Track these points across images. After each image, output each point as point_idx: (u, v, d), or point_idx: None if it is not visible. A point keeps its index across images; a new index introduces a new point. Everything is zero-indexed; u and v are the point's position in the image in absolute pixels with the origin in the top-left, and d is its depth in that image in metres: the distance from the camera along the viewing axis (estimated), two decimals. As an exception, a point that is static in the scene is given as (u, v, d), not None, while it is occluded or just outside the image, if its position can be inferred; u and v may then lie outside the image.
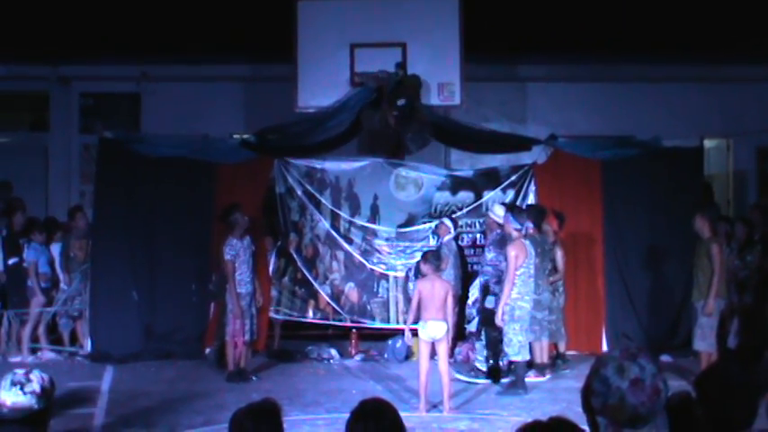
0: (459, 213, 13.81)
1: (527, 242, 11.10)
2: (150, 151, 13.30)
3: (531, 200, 13.60)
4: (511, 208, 11.87)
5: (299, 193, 13.94)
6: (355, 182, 14.08)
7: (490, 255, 12.05)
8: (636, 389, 2.99)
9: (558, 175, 13.76)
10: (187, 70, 16.46)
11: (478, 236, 13.73)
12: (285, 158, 13.88)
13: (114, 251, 13.26)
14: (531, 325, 11.33)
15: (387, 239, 13.87)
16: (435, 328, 9.92)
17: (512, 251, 10.83)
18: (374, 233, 13.95)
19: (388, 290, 13.78)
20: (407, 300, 12.69)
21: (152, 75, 16.67)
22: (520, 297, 10.87)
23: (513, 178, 13.87)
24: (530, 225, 11.61)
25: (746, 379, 4.05)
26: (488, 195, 13.90)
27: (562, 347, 12.44)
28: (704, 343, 11.13)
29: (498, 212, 12.00)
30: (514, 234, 11.01)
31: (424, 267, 10.25)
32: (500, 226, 11.77)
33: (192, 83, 16.59)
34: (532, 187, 13.77)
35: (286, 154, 13.99)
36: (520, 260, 10.83)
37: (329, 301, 13.80)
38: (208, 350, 12.93)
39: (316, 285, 13.82)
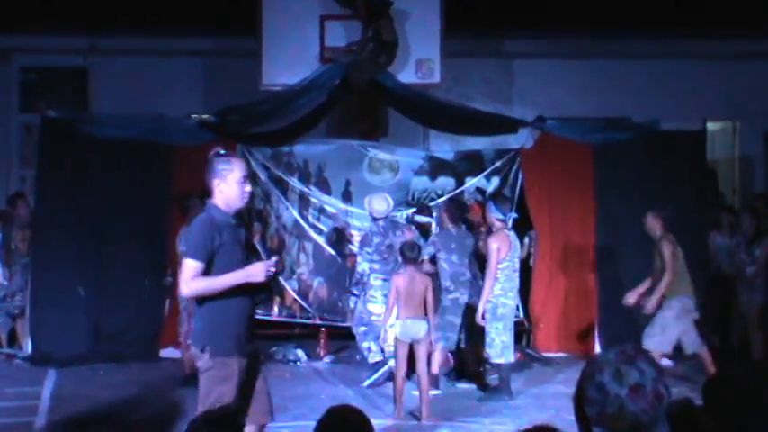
0: (438, 201, 13.73)
1: (511, 234, 11.09)
2: (99, 132, 13.09)
3: (512, 188, 13.65)
4: (493, 196, 11.87)
5: (264, 178, 13.95)
6: (326, 166, 14.13)
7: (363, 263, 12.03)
8: (636, 395, 2.96)
9: (546, 161, 13.76)
10: (140, 43, 16.12)
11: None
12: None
13: (59, 242, 13.01)
14: (446, 331, 11.23)
15: (360, 229, 13.71)
16: (415, 328, 9.83)
17: (494, 243, 10.78)
18: (346, 222, 13.93)
19: (361, 285, 13.81)
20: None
21: (101, 48, 16.45)
22: (503, 294, 10.82)
23: (498, 164, 13.97)
24: (514, 215, 11.61)
25: (762, 385, 4.02)
26: (471, 182, 13.98)
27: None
28: (652, 341, 11.05)
29: (379, 207, 12.03)
30: (497, 225, 10.98)
31: (402, 260, 10.21)
32: (375, 220, 11.94)
33: (146, 57, 16.31)
34: (518, 174, 13.78)
35: (250, 142, 13.93)
36: (503, 253, 10.77)
37: (296, 297, 13.77)
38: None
39: (281, 280, 13.72)
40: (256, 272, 6.19)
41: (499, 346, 10.81)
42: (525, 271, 12.23)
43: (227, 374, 6.18)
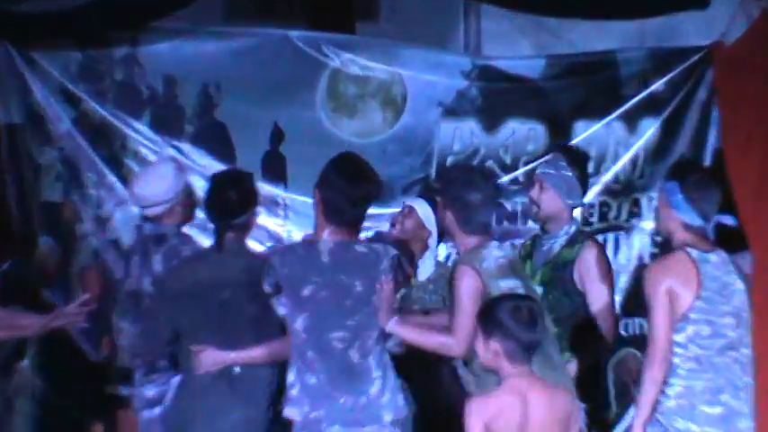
0: (505, 178, 10.03)
1: (714, 260, 6.95)
2: None
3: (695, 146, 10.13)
4: (680, 169, 7.75)
5: (67, 126, 9.93)
6: (223, 92, 10.10)
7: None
8: None
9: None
10: None
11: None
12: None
13: None
14: None
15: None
16: None
17: (660, 282, 6.98)
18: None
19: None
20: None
21: None
22: (686, 403, 7.02)
23: (659, 86, 9.90)
24: (728, 220, 7.88)
25: None
26: (591, 129, 9.92)
27: None
28: None
29: (423, 212, 9.08)
30: (679, 238, 7.14)
31: (493, 347, 6.64)
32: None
33: None
34: (711, 110, 9.89)
35: (29, 34, 10.30)
36: (685, 303, 6.90)
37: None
38: None
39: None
40: None
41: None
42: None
43: None
